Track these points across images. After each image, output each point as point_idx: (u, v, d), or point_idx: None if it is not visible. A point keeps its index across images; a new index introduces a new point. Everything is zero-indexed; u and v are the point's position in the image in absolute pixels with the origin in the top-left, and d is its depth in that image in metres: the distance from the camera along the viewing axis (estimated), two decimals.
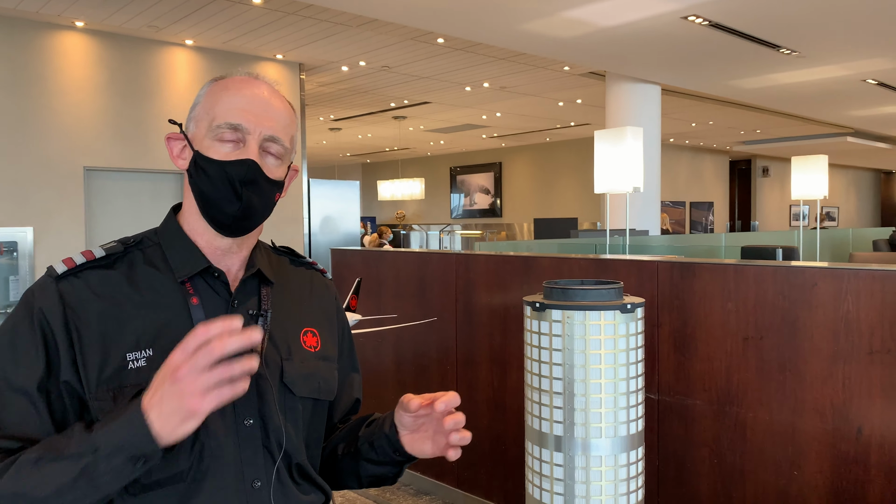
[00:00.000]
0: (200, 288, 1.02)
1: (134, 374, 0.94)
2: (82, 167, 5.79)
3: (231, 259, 1.06)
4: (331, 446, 1.18)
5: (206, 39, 6.30)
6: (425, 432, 1.07)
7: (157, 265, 1.03)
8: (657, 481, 2.82)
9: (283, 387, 1.03)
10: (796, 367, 2.41)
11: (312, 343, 1.11)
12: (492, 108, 10.39)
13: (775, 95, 8.54)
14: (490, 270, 3.50)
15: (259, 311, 1.05)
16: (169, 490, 0.95)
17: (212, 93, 1.04)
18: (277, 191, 1.05)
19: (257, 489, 0.99)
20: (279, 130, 1.03)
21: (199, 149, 1.01)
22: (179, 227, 1.06)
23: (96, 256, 1.01)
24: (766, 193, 17.44)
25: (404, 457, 1.10)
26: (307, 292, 1.17)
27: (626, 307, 1.40)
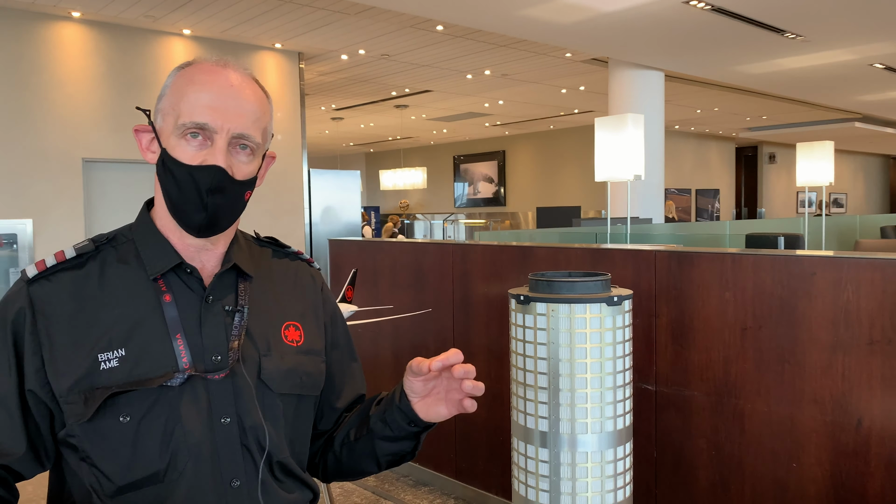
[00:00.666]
0: (174, 284, 1.00)
1: (106, 374, 0.92)
2: (81, 159, 5.77)
3: (206, 255, 1.03)
4: (342, 434, 1.15)
5: (203, 29, 6.25)
6: (437, 395, 1.05)
7: (130, 262, 1.00)
8: (655, 472, 2.79)
9: (261, 383, 1.01)
10: (795, 357, 2.37)
11: (294, 337, 1.08)
12: (494, 96, 10.32)
13: (781, 81, 8.44)
14: (486, 261, 3.46)
15: (236, 306, 1.02)
16: (145, 491, 0.93)
17: (177, 85, 0.99)
18: (248, 189, 1.01)
19: (236, 488, 0.97)
20: (249, 126, 0.98)
21: (167, 146, 0.98)
22: (152, 222, 1.04)
23: (67, 257, 0.99)
24: (772, 180, 17.31)
25: (420, 426, 1.07)
26: (290, 284, 1.14)
27: (612, 300, 1.36)
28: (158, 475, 0.93)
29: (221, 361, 0.98)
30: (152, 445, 0.93)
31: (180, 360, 0.95)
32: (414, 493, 3.77)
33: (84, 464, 0.94)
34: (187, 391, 0.95)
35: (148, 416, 0.93)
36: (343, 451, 1.14)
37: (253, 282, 1.06)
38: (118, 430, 0.92)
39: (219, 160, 0.95)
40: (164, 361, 0.94)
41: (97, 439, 0.92)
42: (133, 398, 0.92)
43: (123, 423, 0.92)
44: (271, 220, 6.88)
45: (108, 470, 0.93)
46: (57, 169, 5.67)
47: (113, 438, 0.92)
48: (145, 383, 0.92)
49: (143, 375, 0.93)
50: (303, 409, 1.08)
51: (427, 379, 1.03)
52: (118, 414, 0.92)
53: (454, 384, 1.03)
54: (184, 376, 0.94)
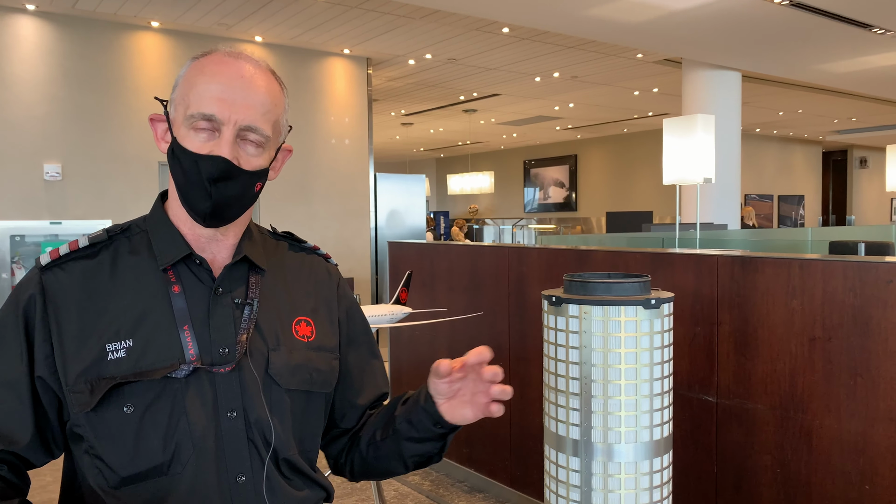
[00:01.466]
0: (183, 276, 0.99)
1: (113, 365, 0.92)
2: (157, 162, 6.01)
3: (216, 246, 1.02)
4: (368, 433, 1.13)
5: (274, 35, 6.41)
6: (462, 397, 1.03)
7: (142, 253, 1.00)
8: (715, 489, 2.65)
9: (269, 378, 0.99)
10: (868, 370, 2.20)
11: (306, 332, 1.06)
12: (564, 99, 10.17)
13: (870, 79, 7.96)
14: (542, 265, 3.38)
15: (245, 299, 1.00)
16: (149, 484, 0.92)
17: (189, 76, 0.99)
18: (258, 180, 1.00)
19: (241, 484, 0.95)
20: (257, 118, 0.97)
21: (177, 135, 0.97)
22: (165, 213, 1.04)
23: (80, 246, 0.99)
24: (863, 186, 16.37)
25: (446, 428, 1.05)
26: (304, 279, 1.12)
27: (650, 302, 1.28)
28: (162, 467, 0.92)
29: (228, 354, 0.96)
30: (156, 437, 0.92)
31: (187, 352, 0.94)
32: (468, 499, 3.72)
33: (87, 455, 0.94)
34: (193, 384, 0.94)
35: (152, 407, 0.92)
36: (369, 450, 1.12)
37: (265, 275, 1.05)
38: (122, 421, 0.92)
39: (224, 151, 0.95)
40: (170, 353, 0.94)
41: (101, 429, 0.92)
42: (137, 389, 0.92)
43: (127, 413, 0.91)
44: (338, 224, 6.99)
45: (111, 461, 0.92)
46: (135, 172, 5.92)
47: (116, 429, 0.92)
48: (149, 374, 0.92)
49: (149, 366, 0.92)
50: (313, 406, 1.06)
51: (451, 381, 1.01)
52: (122, 404, 0.91)
53: (480, 386, 1.00)
54: (189, 368, 0.93)
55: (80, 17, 5.64)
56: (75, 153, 5.67)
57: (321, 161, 6.96)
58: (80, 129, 5.69)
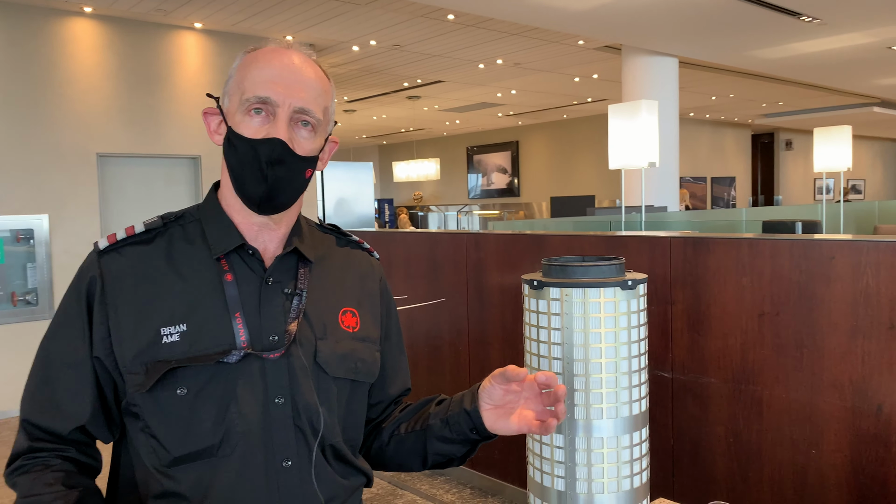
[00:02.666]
0: (236, 265, 1.02)
1: (167, 348, 0.95)
2: (95, 154, 5.80)
3: (268, 236, 1.05)
4: (392, 426, 1.16)
5: (214, 22, 6.26)
6: (511, 408, 1.05)
7: (195, 241, 1.03)
8: (672, 461, 2.77)
9: (317, 366, 1.02)
10: (814, 343, 2.34)
11: (351, 323, 1.09)
12: (507, 86, 10.26)
13: (797, 65, 8.32)
14: (500, 249, 3.44)
15: (295, 289, 1.04)
16: (199, 464, 0.96)
17: (242, 66, 1.02)
18: (309, 167, 1.02)
19: (287, 469, 0.98)
20: (310, 101, 1.00)
21: (232, 124, 1.00)
22: (218, 203, 1.07)
23: (136, 232, 1.02)
24: (789, 167, 17.10)
25: (480, 434, 1.07)
26: (350, 271, 1.15)
27: (626, 283, 1.34)
28: (212, 449, 0.96)
29: (278, 341, 0.99)
30: (207, 419, 0.95)
31: (238, 338, 0.97)
32: (430, 483, 3.77)
33: (143, 434, 0.97)
34: (243, 369, 0.97)
35: (204, 390, 0.95)
36: (391, 443, 1.15)
37: (313, 267, 1.08)
38: (175, 402, 0.95)
39: (280, 133, 0.97)
40: (222, 338, 0.97)
41: (156, 409, 0.95)
42: (190, 372, 0.95)
43: (180, 395, 0.95)
44: None
45: (164, 440, 0.96)
46: (72, 164, 5.70)
47: (170, 410, 0.95)
48: (202, 359, 0.95)
49: (202, 351, 0.96)
50: (357, 395, 1.09)
51: (510, 390, 1.03)
52: (176, 387, 0.95)
53: (532, 403, 1.03)
54: (240, 354, 0.96)
55: (8, 2, 5.37)
56: (7, 146, 5.42)
57: None
58: (11, 120, 5.44)
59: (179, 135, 6.27)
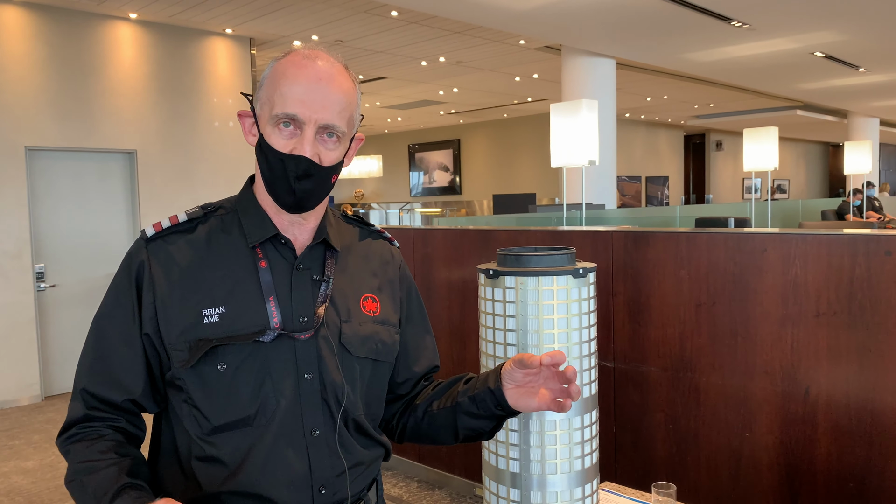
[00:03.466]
0: (269, 253, 1.12)
1: (208, 328, 1.05)
2: (24, 147, 5.57)
3: (298, 229, 1.14)
4: (425, 403, 1.24)
5: (150, 13, 6.09)
6: (532, 388, 1.13)
7: (233, 231, 1.13)
8: (615, 447, 2.86)
9: (341, 346, 1.12)
10: (747, 331, 2.46)
11: (372, 308, 1.18)
12: (449, 84, 10.32)
13: (727, 68, 8.66)
14: (447, 245, 3.48)
15: (322, 276, 1.13)
16: (238, 432, 1.05)
17: (272, 77, 1.09)
18: (335, 172, 1.11)
19: (316, 437, 1.09)
20: (335, 117, 1.07)
21: (263, 132, 1.08)
22: (254, 196, 1.16)
23: (180, 221, 1.12)
24: (719, 167, 17.76)
25: (505, 411, 1.16)
26: (372, 260, 1.24)
27: (578, 272, 1.40)
28: (249, 419, 1.05)
29: (307, 323, 1.09)
30: (245, 392, 1.05)
31: (272, 320, 1.07)
32: None
33: (186, 404, 1.06)
34: (277, 347, 1.06)
35: (242, 366, 1.05)
36: (425, 418, 1.24)
37: (339, 256, 1.17)
38: (216, 377, 1.04)
39: (306, 150, 1.05)
40: (258, 320, 1.06)
41: (199, 383, 1.05)
42: (230, 350, 1.04)
43: (221, 370, 1.04)
44: None
45: (206, 411, 1.05)
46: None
47: (211, 383, 1.05)
48: (240, 338, 1.05)
49: (240, 331, 1.05)
50: (378, 374, 1.18)
51: (529, 373, 1.11)
52: (217, 363, 1.04)
53: (550, 383, 1.11)
54: (274, 334, 1.06)
55: None
56: None
57: (204, 145, 6.71)
58: None
59: (114, 128, 6.08)
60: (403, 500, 3.51)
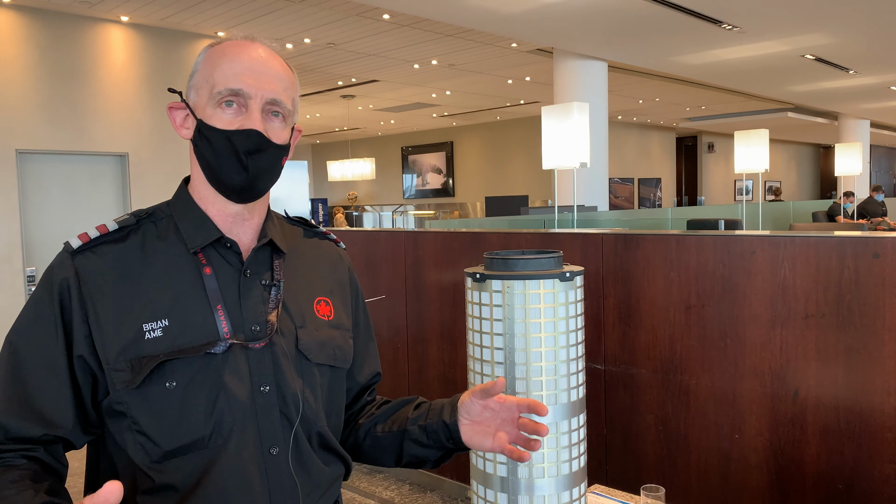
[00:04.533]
0: (213, 258, 1.03)
1: (151, 343, 0.96)
2: (14, 150, 5.54)
3: (243, 227, 1.07)
4: (369, 424, 1.18)
5: (142, 16, 6.07)
6: (488, 427, 1.07)
7: (170, 237, 1.04)
8: (605, 449, 2.87)
9: (299, 353, 1.05)
10: (736, 333, 2.47)
11: (326, 312, 1.12)
12: (441, 87, 10.33)
13: (718, 71, 8.70)
14: (438, 248, 3.48)
15: (272, 280, 1.06)
16: (191, 456, 0.97)
17: (209, 59, 1.03)
18: (284, 154, 1.05)
19: (274, 456, 1.01)
20: (280, 93, 1.02)
21: (202, 117, 1.02)
22: (190, 197, 1.07)
23: (110, 230, 1.03)
24: (711, 169, 17.83)
25: (457, 445, 1.10)
26: (320, 262, 1.18)
27: (565, 275, 1.40)
28: (203, 441, 0.97)
29: (260, 331, 1.02)
30: (197, 411, 0.97)
31: (221, 330, 0.99)
32: (369, 481, 3.78)
33: (130, 432, 0.97)
34: (229, 359, 0.99)
35: (193, 382, 0.97)
36: (367, 439, 1.18)
37: (286, 258, 1.10)
38: (165, 396, 0.96)
39: (255, 124, 0.99)
40: (205, 331, 0.98)
41: (145, 405, 0.96)
42: (178, 365, 0.96)
43: (169, 388, 0.96)
44: None
45: (155, 435, 0.96)
46: None
47: (160, 404, 0.96)
48: (190, 351, 0.96)
49: (186, 344, 0.97)
50: (336, 381, 1.12)
51: (487, 406, 1.06)
52: (164, 380, 0.96)
53: (508, 427, 1.05)
54: (226, 344, 0.98)
55: None
56: None
57: None
58: None
59: (105, 132, 6.06)
60: (395, 502, 3.51)
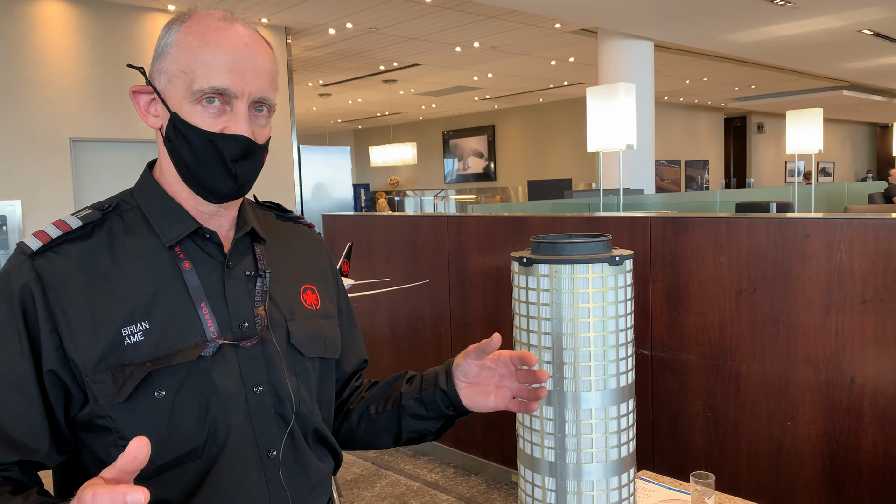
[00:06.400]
0: (191, 251, 0.95)
1: (131, 349, 0.87)
2: (68, 138, 5.71)
3: (218, 221, 0.98)
4: (361, 407, 1.13)
5: (187, 3, 6.16)
6: (485, 385, 1.03)
7: (140, 230, 0.94)
8: (652, 436, 2.83)
9: (292, 348, 0.98)
10: (789, 318, 2.41)
11: (313, 301, 1.06)
12: (483, 69, 10.25)
13: (770, 49, 8.43)
14: (481, 232, 3.47)
15: (256, 271, 0.98)
16: (186, 468, 0.89)
17: (184, 44, 0.91)
18: (266, 151, 0.98)
19: (273, 458, 0.95)
20: (267, 88, 0.94)
21: (178, 111, 0.91)
22: (160, 187, 0.97)
23: (72, 227, 0.91)
24: (761, 150, 17.35)
25: (458, 411, 1.06)
26: (300, 248, 1.11)
27: (614, 259, 1.37)
28: (198, 450, 0.90)
29: (249, 328, 0.95)
30: (189, 420, 0.89)
31: (207, 330, 0.91)
32: (413, 463, 3.81)
33: (116, 447, 0.88)
34: (218, 361, 0.91)
35: (183, 389, 0.89)
36: (361, 423, 1.13)
37: (266, 245, 1.03)
38: (154, 407, 0.87)
39: (242, 129, 0.91)
40: (190, 332, 0.90)
41: (132, 418, 0.87)
42: (165, 372, 0.88)
43: (159, 398, 0.87)
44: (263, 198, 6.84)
45: None
46: (44, 149, 5.60)
47: (149, 416, 0.87)
48: (179, 356, 0.88)
49: (172, 348, 0.88)
50: (326, 373, 1.07)
51: (483, 366, 1.02)
52: (153, 389, 0.87)
53: (508, 381, 1.01)
54: (216, 346, 0.91)
55: None
56: None
57: None
58: None
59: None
60: (440, 485, 3.54)
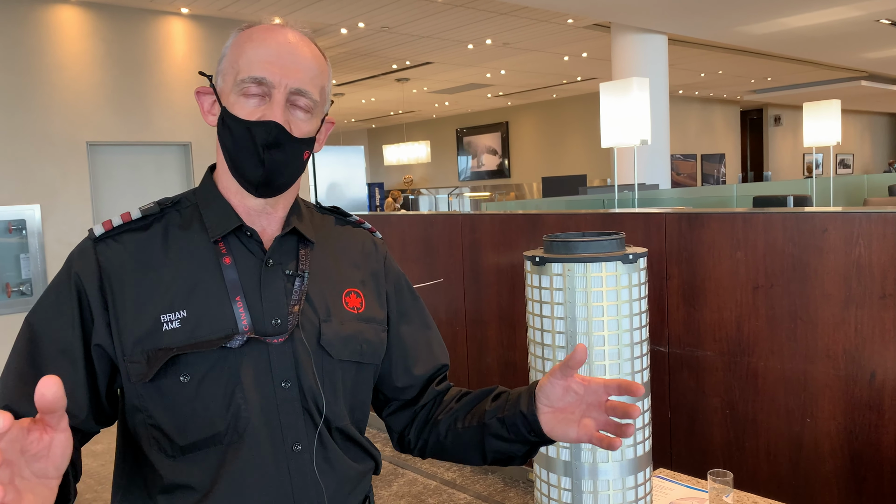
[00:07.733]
0: (234, 247, 1.00)
1: (168, 335, 0.93)
2: (85, 142, 5.76)
3: (266, 219, 1.03)
4: (449, 419, 1.10)
5: (201, 7, 6.20)
6: (570, 414, 0.94)
7: (193, 225, 1.01)
8: (669, 433, 2.81)
9: (321, 349, 1.00)
10: (807, 314, 2.38)
11: (355, 304, 1.06)
12: (496, 66, 10.22)
13: (785, 40, 8.33)
14: (495, 230, 3.46)
15: (296, 271, 1.01)
16: (207, 452, 0.94)
17: (237, 44, 0.99)
18: (306, 148, 1.00)
19: (298, 452, 0.97)
20: (306, 82, 0.97)
21: (226, 104, 0.98)
22: (215, 186, 1.04)
23: (133, 218, 1.00)
24: (778, 143, 17.16)
25: (540, 438, 1.00)
26: (353, 252, 1.12)
27: (627, 257, 1.36)
28: (219, 437, 0.94)
29: (281, 325, 0.97)
30: (213, 407, 0.93)
31: (240, 323, 0.95)
32: (430, 462, 3.82)
33: (145, 427, 0.95)
34: (247, 354, 0.95)
35: (208, 377, 0.93)
36: (448, 436, 1.10)
37: (314, 248, 1.06)
38: (179, 390, 0.93)
39: (276, 115, 0.95)
40: (223, 323, 0.95)
41: (158, 399, 0.93)
42: (193, 359, 0.93)
43: (184, 383, 0.93)
44: None
45: (169, 430, 0.94)
46: (62, 153, 5.66)
47: (173, 398, 0.93)
48: (205, 345, 0.93)
49: (203, 337, 0.93)
50: (363, 377, 1.07)
51: (568, 388, 0.93)
52: (178, 374, 0.93)
53: (595, 413, 0.92)
54: (243, 338, 0.94)
55: None
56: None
57: None
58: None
59: (169, 122, 6.23)
60: (457, 483, 3.54)
